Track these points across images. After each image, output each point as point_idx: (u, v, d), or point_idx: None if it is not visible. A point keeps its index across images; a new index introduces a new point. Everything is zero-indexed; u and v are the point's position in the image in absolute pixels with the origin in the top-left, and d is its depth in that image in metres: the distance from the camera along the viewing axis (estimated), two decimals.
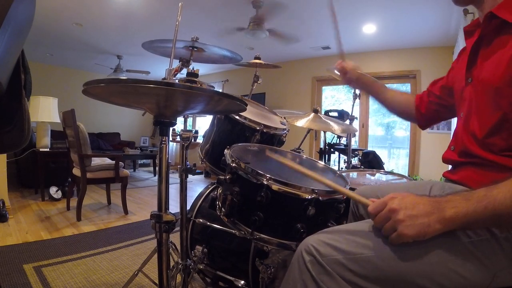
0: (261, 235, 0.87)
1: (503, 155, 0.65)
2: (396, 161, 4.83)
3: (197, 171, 1.26)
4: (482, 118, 0.70)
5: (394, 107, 1.12)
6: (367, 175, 1.69)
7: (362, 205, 0.97)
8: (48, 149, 3.43)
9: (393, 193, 0.59)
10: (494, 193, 0.52)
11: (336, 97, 5.50)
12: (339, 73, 1.17)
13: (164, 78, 1.18)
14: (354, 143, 4.35)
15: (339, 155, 3.65)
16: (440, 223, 0.54)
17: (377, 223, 0.60)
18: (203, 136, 1.47)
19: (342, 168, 3.35)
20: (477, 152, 0.70)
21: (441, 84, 1.01)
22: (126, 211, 2.99)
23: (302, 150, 1.55)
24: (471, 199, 0.53)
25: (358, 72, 1.16)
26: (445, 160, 0.84)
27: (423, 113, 1.06)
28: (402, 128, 4.71)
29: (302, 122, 1.58)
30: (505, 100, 0.64)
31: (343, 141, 3.51)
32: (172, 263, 1.23)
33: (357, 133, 4.48)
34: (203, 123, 7.07)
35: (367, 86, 1.18)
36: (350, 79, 1.17)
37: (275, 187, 0.83)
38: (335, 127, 1.61)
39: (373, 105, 4.83)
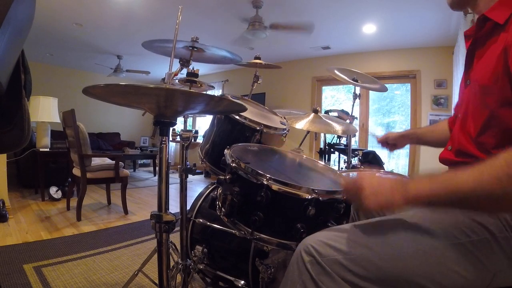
0: (261, 235, 0.87)
1: (494, 153, 0.66)
2: (396, 161, 4.83)
3: (197, 171, 1.26)
4: (475, 117, 0.72)
5: (436, 141, 1.10)
6: None
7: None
8: (48, 149, 3.43)
9: (363, 173, 0.68)
10: (459, 175, 0.54)
11: (336, 97, 5.50)
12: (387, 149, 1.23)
13: (163, 79, 1.18)
14: (354, 143, 4.35)
15: (339, 155, 3.65)
16: (403, 199, 0.57)
17: (347, 196, 0.70)
18: (203, 136, 1.47)
19: (342, 168, 3.35)
20: (472, 151, 0.71)
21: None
22: (126, 211, 2.99)
23: (302, 150, 1.55)
24: (435, 180, 0.56)
25: (396, 134, 1.19)
26: (442, 159, 0.84)
27: None
28: (402, 128, 4.70)
29: (302, 124, 1.58)
30: (491, 98, 0.65)
31: (343, 141, 3.51)
32: (172, 263, 1.23)
33: (357, 133, 4.48)
34: (203, 123, 7.07)
35: (410, 140, 1.19)
36: (396, 146, 1.21)
37: (275, 187, 0.83)
38: (336, 127, 1.60)
39: (373, 105, 4.83)
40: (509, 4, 0.64)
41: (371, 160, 2.82)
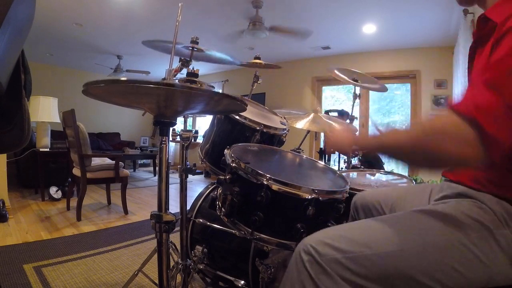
0: (261, 235, 0.87)
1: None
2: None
3: (197, 171, 1.26)
4: None
5: None
6: (367, 175, 1.69)
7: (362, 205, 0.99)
8: (48, 149, 3.43)
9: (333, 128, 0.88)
10: (402, 131, 0.65)
11: (336, 97, 5.50)
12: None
13: (164, 79, 1.18)
14: None
15: (339, 155, 3.65)
16: (351, 145, 0.78)
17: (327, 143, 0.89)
18: (203, 136, 1.47)
19: (342, 168, 3.35)
20: None
21: None
22: (126, 211, 2.99)
23: (302, 150, 1.55)
24: (384, 132, 0.69)
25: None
26: None
27: None
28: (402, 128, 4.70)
29: (302, 123, 1.58)
30: None
31: None
32: (172, 263, 1.23)
33: (357, 133, 4.48)
34: (203, 123, 7.07)
35: None
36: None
37: (275, 187, 0.83)
38: (336, 127, 1.60)
39: (373, 105, 4.83)
40: (507, 4, 0.63)
41: (371, 160, 2.82)
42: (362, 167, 2.75)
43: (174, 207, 3.22)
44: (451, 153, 0.54)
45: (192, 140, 1.18)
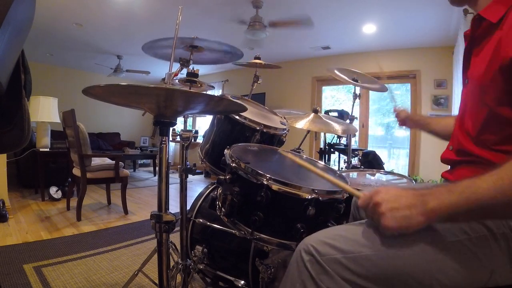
0: (261, 235, 0.87)
1: (495, 150, 0.66)
2: (396, 161, 4.83)
3: (197, 171, 1.26)
4: (473, 116, 0.72)
5: (441, 133, 1.10)
6: (367, 175, 1.69)
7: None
8: (48, 149, 3.43)
9: (380, 187, 0.61)
10: (478, 184, 0.52)
11: (336, 97, 5.50)
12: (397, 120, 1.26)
13: (163, 79, 1.18)
14: (354, 143, 4.35)
15: (339, 155, 3.65)
16: (423, 215, 0.54)
17: (367, 215, 0.62)
18: (203, 136, 1.47)
19: (342, 168, 3.35)
20: (472, 150, 0.71)
21: None
22: (126, 211, 2.99)
23: (302, 150, 1.55)
24: (454, 190, 0.53)
25: (409, 114, 1.21)
26: (443, 160, 0.85)
27: None
28: (402, 128, 4.71)
29: (302, 123, 1.58)
30: (488, 96, 0.65)
31: (343, 141, 3.52)
32: (172, 263, 1.23)
33: (357, 133, 4.48)
34: (203, 123, 7.07)
35: (416, 123, 1.20)
36: (405, 122, 1.22)
37: (275, 187, 0.83)
38: (336, 127, 1.61)
39: (373, 105, 4.83)
40: (503, 2, 0.64)
41: (371, 160, 2.82)
42: (362, 167, 2.75)
43: (174, 207, 3.22)
44: None
45: (192, 140, 1.18)
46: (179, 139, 1.16)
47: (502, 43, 0.60)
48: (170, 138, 1.00)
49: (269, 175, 0.84)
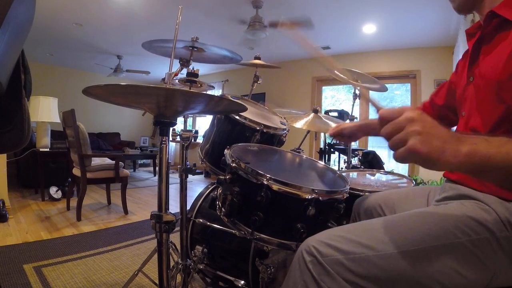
0: (261, 235, 0.87)
1: None
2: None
3: (197, 171, 1.26)
4: (484, 114, 0.70)
5: None
6: (367, 175, 1.69)
7: (364, 208, 0.97)
8: (48, 149, 3.43)
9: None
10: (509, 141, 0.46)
11: (336, 97, 5.50)
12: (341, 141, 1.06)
13: (163, 79, 1.18)
14: (354, 143, 4.35)
15: (339, 155, 3.65)
16: (454, 156, 0.46)
17: (387, 130, 0.49)
18: (203, 136, 1.47)
19: (342, 168, 3.35)
20: None
21: (445, 91, 1.00)
22: (126, 211, 2.99)
23: (302, 150, 1.55)
24: (492, 142, 0.47)
25: (351, 125, 1.08)
26: None
27: None
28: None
29: (302, 123, 1.58)
30: (508, 93, 0.63)
31: None
32: (172, 263, 1.23)
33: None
34: (203, 123, 7.07)
35: (367, 132, 1.08)
36: (351, 139, 1.11)
37: (275, 187, 0.83)
38: None
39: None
40: None
41: (371, 160, 2.82)
42: (362, 167, 2.75)
43: (174, 207, 3.22)
44: None
45: (192, 140, 1.18)
46: (179, 139, 1.16)
47: None
48: (170, 138, 1.00)
49: (269, 175, 0.83)
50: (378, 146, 4.84)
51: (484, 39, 0.72)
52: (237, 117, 1.28)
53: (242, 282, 1.21)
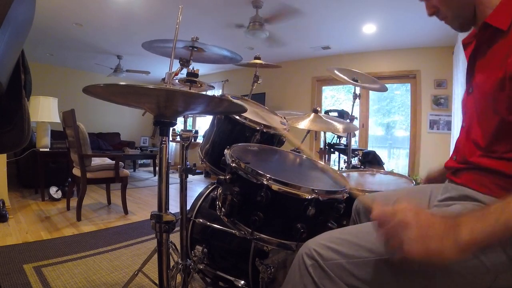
0: (261, 235, 0.87)
1: (506, 158, 0.64)
2: (396, 161, 4.83)
3: (197, 171, 1.26)
4: (483, 126, 0.69)
5: None
6: (367, 175, 1.69)
7: (364, 209, 0.96)
8: (48, 149, 3.43)
9: (404, 201, 0.51)
10: (505, 209, 0.47)
11: (336, 97, 5.50)
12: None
13: (163, 79, 1.18)
14: (354, 143, 4.35)
15: (339, 155, 3.65)
16: (455, 250, 0.46)
17: (381, 235, 0.51)
18: (203, 136, 1.47)
19: (342, 168, 3.35)
20: (478, 162, 0.69)
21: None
22: (126, 211, 2.99)
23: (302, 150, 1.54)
24: (487, 217, 0.47)
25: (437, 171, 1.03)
26: (447, 167, 0.83)
27: None
28: (402, 128, 4.71)
29: (302, 123, 1.58)
30: (500, 105, 0.63)
31: (343, 141, 3.52)
32: (172, 263, 1.23)
33: (357, 133, 4.48)
34: (203, 123, 7.07)
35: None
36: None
37: (275, 187, 0.83)
38: (337, 126, 1.61)
39: (373, 105, 4.84)
40: (509, 9, 0.63)
41: (371, 160, 2.82)
42: (362, 167, 2.75)
43: (174, 207, 3.22)
44: None
45: (192, 140, 1.18)
46: (179, 139, 1.16)
47: None
48: (170, 138, 1.00)
49: (269, 175, 0.84)
50: (378, 146, 4.85)
51: (480, 51, 0.72)
52: (237, 117, 1.28)
53: (242, 282, 1.21)
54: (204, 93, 1.00)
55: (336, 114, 3.48)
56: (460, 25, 0.76)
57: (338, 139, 3.58)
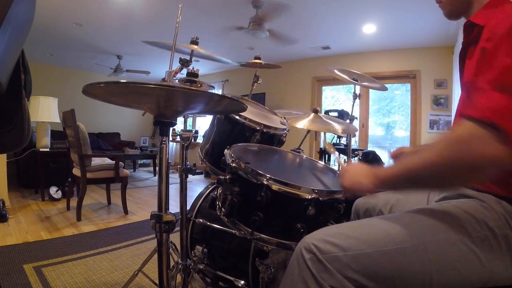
0: (261, 235, 0.87)
1: None
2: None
3: (197, 171, 1.26)
4: None
5: None
6: None
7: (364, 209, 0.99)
8: (48, 149, 3.43)
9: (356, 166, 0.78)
10: (410, 157, 0.63)
11: (336, 97, 5.50)
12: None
13: (164, 79, 1.18)
14: (354, 143, 4.35)
15: (339, 155, 3.65)
16: (371, 183, 0.69)
17: (340, 182, 0.80)
18: (203, 136, 1.47)
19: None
20: None
21: None
22: (126, 211, 2.99)
23: (302, 150, 1.55)
24: (398, 164, 0.67)
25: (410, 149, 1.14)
26: None
27: None
28: (402, 128, 4.71)
29: (302, 123, 1.58)
30: None
31: (343, 141, 3.52)
32: (172, 263, 1.23)
33: (357, 133, 4.48)
34: (203, 123, 7.07)
35: None
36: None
37: (275, 187, 0.83)
38: (336, 126, 1.60)
39: (373, 105, 4.83)
40: (491, 7, 0.66)
41: (371, 160, 2.82)
42: None
43: (174, 207, 3.22)
44: (483, 158, 0.52)
45: (192, 140, 1.18)
46: (179, 139, 1.16)
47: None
48: (170, 138, 1.00)
49: (269, 175, 0.84)
50: (378, 146, 4.85)
51: (467, 49, 0.74)
52: (237, 117, 1.28)
53: (242, 282, 1.21)
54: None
55: (336, 114, 3.48)
56: (449, 12, 0.80)
57: (338, 139, 3.58)
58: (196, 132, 1.17)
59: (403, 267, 0.58)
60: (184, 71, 1.38)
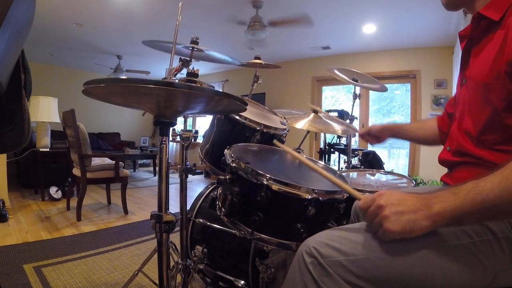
0: (261, 235, 0.87)
1: (496, 149, 0.66)
2: (396, 161, 4.83)
3: (197, 171, 1.26)
4: (475, 115, 0.71)
5: (422, 138, 1.09)
6: (367, 175, 1.68)
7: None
8: (48, 149, 3.43)
9: (383, 190, 0.60)
10: (482, 184, 0.51)
11: (336, 97, 5.50)
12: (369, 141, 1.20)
13: (165, 78, 1.18)
14: (354, 143, 4.35)
15: (339, 155, 3.65)
16: (428, 219, 0.53)
17: (366, 218, 0.60)
18: (203, 136, 1.47)
19: (342, 168, 3.35)
20: (471, 151, 0.71)
21: (453, 99, 1.01)
22: (126, 211, 2.99)
23: (302, 150, 1.55)
24: (458, 192, 0.52)
25: (379, 126, 1.18)
26: (441, 161, 0.84)
27: (445, 132, 1.01)
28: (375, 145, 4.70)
29: (302, 124, 1.58)
30: (494, 94, 0.65)
31: (343, 141, 3.52)
32: (172, 263, 1.23)
33: (357, 133, 4.47)
34: (203, 123, 7.07)
35: (393, 133, 1.17)
36: (379, 139, 1.20)
37: (275, 187, 0.82)
38: (336, 127, 1.60)
39: (373, 105, 4.84)
40: (503, 1, 0.65)
41: (371, 160, 2.82)
42: (362, 167, 2.75)
43: (174, 207, 3.22)
44: None
45: (192, 140, 1.18)
46: (179, 139, 1.16)
47: (508, 41, 0.60)
48: (170, 138, 1.00)
49: (269, 175, 0.83)
50: (378, 146, 4.84)
51: (474, 41, 0.74)
52: (237, 117, 1.28)
53: (242, 282, 1.21)
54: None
55: (336, 114, 3.48)
56: (448, 2, 0.79)
57: (338, 139, 3.58)
58: (196, 132, 1.17)
59: (405, 273, 0.57)
60: (184, 71, 1.38)
